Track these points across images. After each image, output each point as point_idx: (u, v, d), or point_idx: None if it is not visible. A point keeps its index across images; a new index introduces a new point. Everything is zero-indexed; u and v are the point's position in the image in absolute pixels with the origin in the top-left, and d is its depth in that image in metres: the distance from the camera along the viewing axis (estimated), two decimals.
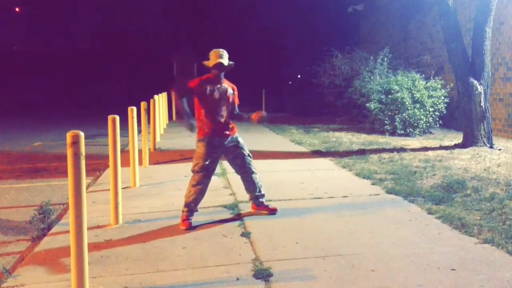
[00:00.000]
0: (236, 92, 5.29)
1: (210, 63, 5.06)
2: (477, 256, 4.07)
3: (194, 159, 5.08)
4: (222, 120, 5.09)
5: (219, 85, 5.10)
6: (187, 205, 5.03)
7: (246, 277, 3.71)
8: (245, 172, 5.33)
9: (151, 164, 8.62)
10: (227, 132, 5.15)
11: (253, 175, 5.35)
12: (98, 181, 7.38)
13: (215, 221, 5.15)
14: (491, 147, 9.53)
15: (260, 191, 5.42)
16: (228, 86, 5.19)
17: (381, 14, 19.56)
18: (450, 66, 11.83)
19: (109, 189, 5.25)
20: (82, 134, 3.26)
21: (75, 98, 33.79)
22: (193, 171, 5.06)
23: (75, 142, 3.22)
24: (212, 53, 5.08)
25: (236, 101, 5.31)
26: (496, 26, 11.19)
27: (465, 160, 8.37)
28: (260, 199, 5.44)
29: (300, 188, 6.67)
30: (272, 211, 5.42)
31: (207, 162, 5.01)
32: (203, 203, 5.23)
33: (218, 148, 5.10)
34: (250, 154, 5.37)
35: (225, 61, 5.05)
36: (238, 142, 5.24)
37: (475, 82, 9.59)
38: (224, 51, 5.09)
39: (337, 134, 12.82)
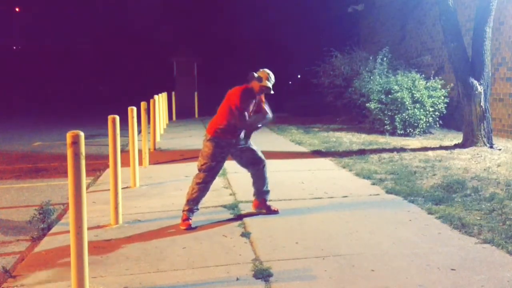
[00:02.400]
0: (261, 103, 5.32)
1: (263, 82, 5.10)
2: (477, 256, 4.07)
3: (202, 158, 5.07)
4: (241, 130, 5.16)
5: (255, 101, 5.18)
6: (188, 202, 5.03)
7: (246, 277, 3.71)
8: (257, 164, 5.30)
9: (151, 164, 8.62)
10: (235, 135, 5.16)
11: (265, 168, 5.36)
12: (98, 181, 7.38)
13: (215, 221, 5.15)
14: (491, 147, 9.53)
15: (267, 186, 5.43)
16: (259, 100, 5.27)
17: (381, 14, 19.56)
18: (450, 66, 11.83)
19: (109, 189, 5.25)
20: (82, 134, 3.26)
21: (75, 98, 33.80)
22: (199, 169, 5.07)
23: (75, 142, 3.22)
24: (263, 73, 5.15)
25: (263, 106, 5.33)
26: (496, 26, 11.19)
27: (465, 160, 8.37)
28: (266, 196, 5.44)
29: (300, 188, 6.67)
30: (274, 212, 5.42)
31: (214, 163, 5.02)
32: (203, 203, 5.23)
33: (226, 148, 5.10)
34: (258, 148, 5.38)
35: (271, 84, 5.15)
36: (240, 146, 5.23)
37: (475, 82, 9.59)
38: (273, 76, 5.19)
39: (337, 134, 12.82)
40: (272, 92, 5.17)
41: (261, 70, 5.21)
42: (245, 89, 5.09)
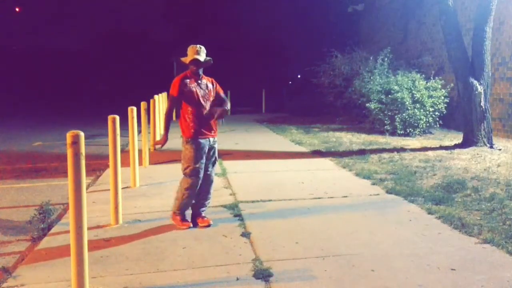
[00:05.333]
0: (216, 85, 5.11)
1: (186, 59, 4.94)
2: (477, 256, 4.07)
3: (184, 161, 4.96)
4: (207, 118, 4.96)
5: (199, 81, 4.98)
6: (180, 209, 4.98)
7: (246, 277, 3.71)
8: (208, 179, 5.09)
9: (151, 164, 8.62)
10: (212, 133, 5.02)
11: (212, 184, 5.17)
12: (98, 181, 7.38)
13: (215, 221, 5.14)
14: (491, 147, 9.54)
15: (209, 203, 5.21)
16: (207, 81, 5.06)
17: (381, 14, 19.57)
18: (450, 66, 11.84)
19: (109, 189, 5.25)
20: (82, 134, 3.26)
21: (75, 98, 33.81)
22: (185, 174, 4.95)
23: (75, 142, 3.22)
24: (189, 49, 4.95)
25: (221, 92, 5.13)
26: (496, 26, 11.19)
27: (465, 160, 8.37)
28: (203, 213, 5.15)
29: (300, 188, 6.67)
30: (208, 225, 5.03)
31: (197, 165, 4.90)
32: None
33: (204, 148, 4.97)
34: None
35: (202, 57, 4.92)
36: (215, 147, 5.09)
37: (475, 82, 9.59)
38: (202, 46, 4.96)
39: (337, 134, 12.82)
40: (204, 59, 4.91)
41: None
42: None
